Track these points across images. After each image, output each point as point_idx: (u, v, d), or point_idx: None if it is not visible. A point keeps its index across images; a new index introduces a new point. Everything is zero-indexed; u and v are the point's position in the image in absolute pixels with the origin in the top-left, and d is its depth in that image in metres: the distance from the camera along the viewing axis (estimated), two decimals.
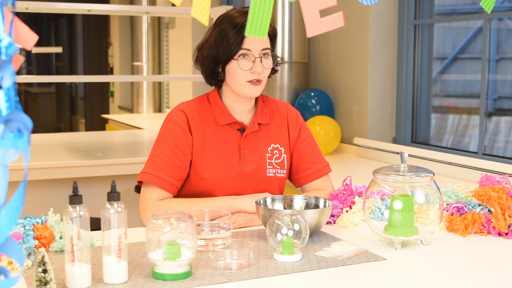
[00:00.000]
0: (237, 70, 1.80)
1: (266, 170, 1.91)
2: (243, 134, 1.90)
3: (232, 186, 1.87)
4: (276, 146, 1.94)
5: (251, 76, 1.81)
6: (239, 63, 1.80)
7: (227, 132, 1.88)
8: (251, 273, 1.41)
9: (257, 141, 1.92)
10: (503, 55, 3.42)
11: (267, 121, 1.94)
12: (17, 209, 0.83)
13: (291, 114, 2.00)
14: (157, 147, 1.85)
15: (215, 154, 1.86)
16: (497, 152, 3.34)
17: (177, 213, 1.44)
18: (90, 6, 3.66)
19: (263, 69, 1.82)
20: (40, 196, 3.20)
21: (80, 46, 10.11)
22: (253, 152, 1.90)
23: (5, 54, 0.85)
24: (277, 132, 1.95)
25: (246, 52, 1.79)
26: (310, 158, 1.98)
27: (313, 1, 1.29)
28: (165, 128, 1.88)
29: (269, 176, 1.92)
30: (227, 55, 1.80)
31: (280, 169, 1.93)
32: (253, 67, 1.80)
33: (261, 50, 1.81)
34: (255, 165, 1.89)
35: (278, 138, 1.95)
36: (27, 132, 0.84)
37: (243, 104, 1.90)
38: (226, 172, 1.86)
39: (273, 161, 1.93)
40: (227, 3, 5.62)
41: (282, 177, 1.95)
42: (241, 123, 1.90)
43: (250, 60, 1.80)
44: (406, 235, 1.59)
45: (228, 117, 1.88)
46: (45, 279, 1.20)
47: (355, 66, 3.86)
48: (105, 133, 5.68)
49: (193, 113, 1.88)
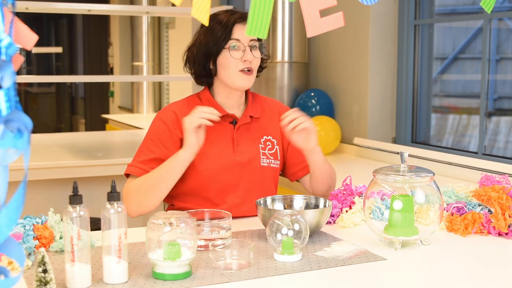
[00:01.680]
0: (228, 60, 1.86)
1: (260, 160, 1.96)
2: (236, 126, 1.95)
3: (227, 177, 1.91)
4: (268, 138, 1.99)
5: (243, 65, 1.87)
6: (230, 52, 1.86)
7: (220, 125, 1.91)
8: (251, 273, 1.41)
9: (250, 133, 1.97)
10: (503, 55, 3.42)
11: (258, 114, 1.99)
12: (17, 209, 0.83)
13: (283, 109, 2.06)
14: (143, 143, 1.94)
15: (209, 147, 1.90)
16: (497, 152, 3.33)
17: (177, 213, 1.44)
18: (90, 6, 3.66)
19: (254, 58, 1.88)
20: (40, 196, 3.20)
21: (80, 46, 10.11)
22: (246, 143, 1.95)
23: (5, 54, 0.85)
24: (269, 125, 2.01)
25: (235, 42, 1.86)
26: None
27: (313, 1, 1.29)
28: (151, 125, 1.96)
29: (263, 166, 1.96)
30: (218, 47, 1.87)
31: (273, 160, 1.98)
32: (244, 56, 1.86)
33: (250, 41, 1.88)
34: (249, 155, 1.94)
35: (270, 131, 2.00)
36: (27, 132, 0.84)
37: (235, 99, 1.95)
38: (221, 163, 1.91)
39: (267, 152, 1.98)
40: (227, 3, 5.61)
41: (276, 168, 1.99)
42: (233, 115, 1.95)
43: (241, 50, 1.87)
44: (406, 235, 1.59)
45: (219, 110, 1.91)
46: (45, 279, 1.20)
47: (355, 66, 3.86)
48: (105, 133, 5.67)
49: (184, 110, 1.91)
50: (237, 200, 1.92)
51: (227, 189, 1.91)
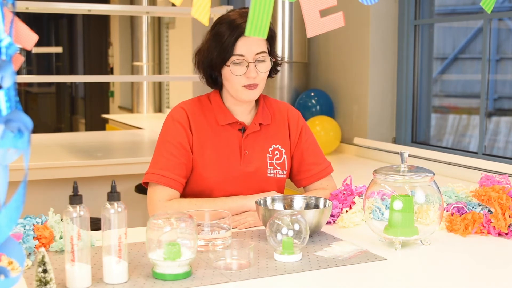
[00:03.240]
0: (231, 75, 1.80)
1: (267, 170, 1.91)
2: (244, 134, 1.90)
3: (233, 186, 1.87)
4: (277, 147, 1.94)
5: (246, 81, 1.80)
6: (231, 69, 1.79)
7: (228, 132, 1.89)
8: (251, 273, 1.41)
9: (258, 142, 1.92)
10: (503, 55, 3.42)
11: (268, 121, 1.94)
12: (17, 209, 0.83)
13: (292, 115, 2.00)
14: (161, 146, 1.85)
15: (215, 154, 1.86)
16: (497, 152, 3.33)
17: (177, 213, 1.44)
18: (90, 6, 3.66)
19: (258, 74, 1.81)
20: (40, 196, 3.20)
21: (80, 46, 10.10)
22: (254, 152, 1.90)
23: (5, 54, 0.85)
24: (278, 133, 1.95)
25: (238, 58, 1.79)
26: (312, 159, 1.98)
27: (313, 1, 1.29)
28: (167, 126, 1.87)
29: (270, 177, 1.92)
30: (221, 61, 1.80)
31: (280, 170, 1.94)
32: (247, 72, 1.79)
33: (255, 55, 1.80)
34: (256, 165, 1.89)
35: (279, 139, 1.95)
36: (27, 132, 0.84)
37: (243, 106, 1.90)
38: (227, 171, 1.86)
39: (274, 162, 1.93)
40: (227, 3, 5.61)
41: (282, 178, 1.95)
42: (242, 123, 1.90)
43: (244, 65, 1.79)
44: (406, 235, 1.59)
45: (229, 117, 1.88)
46: (45, 279, 1.20)
47: (355, 66, 3.86)
48: (105, 133, 5.68)
49: (194, 112, 1.88)
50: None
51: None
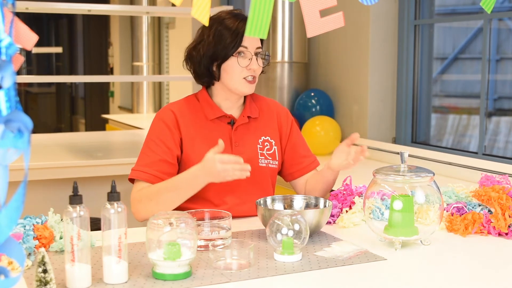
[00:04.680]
0: (234, 67, 1.87)
1: (259, 160, 1.96)
2: (233, 126, 1.95)
3: None
4: (266, 138, 2.00)
5: (247, 73, 1.88)
6: (238, 60, 1.86)
7: (218, 125, 1.93)
8: (251, 273, 1.41)
9: (248, 133, 1.97)
10: (503, 55, 3.42)
11: (256, 114, 2.00)
12: (17, 209, 0.83)
13: (282, 109, 2.08)
14: (145, 145, 1.92)
15: (207, 147, 1.87)
16: (497, 152, 3.33)
17: (177, 213, 1.44)
18: (90, 6, 3.66)
19: (258, 67, 1.90)
20: (40, 196, 3.20)
21: (80, 46, 10.10)
22: (244, 144, 1.95)
23: (5, 54, 0.85)
24: (267, 126, 2.01)
25: (243, 50, 1.87)
26: (303, 152, 2.06)
27: (313, 1, 1.29)
28: (152, 126, 1.94)
29: (262, 166, 1.96)
30: (226, 53, 1.87)
31: (272, 160, 1.99)
32: (250, 64, 1.88)
33: (256, 48, 1.89)
34: (247, 155, 1.92)
35: (268, 131, 2.01)
36: (27, 132, 0.84)
37: (233, 101, 1.96)
38: None
39: (265, 152, 1.98)
40: (227, 3, 5.61)
41: (274, 168, 2.00)
42: (231, 116, 1.96)
43: (247, 58, 1.88)
44: (406, 235, 1.59)
45: (217, 111, 1.93)
46: (45, 279, 1.20)
47: (355, 66, 3.86)
48: (105, 133, 5.67)
49: (182, 110, 1.93)
50: (236, 201, 1.92)
51: (225, 190, 1.90)
